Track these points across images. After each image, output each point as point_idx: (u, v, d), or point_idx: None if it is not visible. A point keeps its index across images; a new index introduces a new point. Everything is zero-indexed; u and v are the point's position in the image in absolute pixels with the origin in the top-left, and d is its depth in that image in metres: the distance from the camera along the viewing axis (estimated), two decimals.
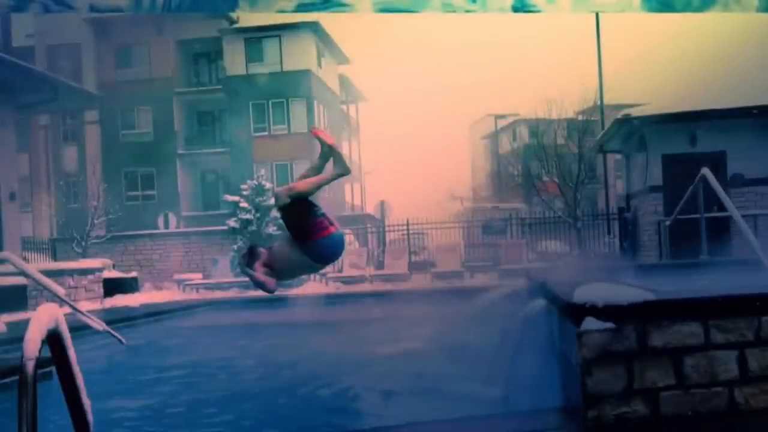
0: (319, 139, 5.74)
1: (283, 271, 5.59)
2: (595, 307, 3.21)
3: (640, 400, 3.22)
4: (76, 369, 2.08)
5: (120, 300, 14.53)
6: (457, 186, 40.96)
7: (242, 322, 11.83)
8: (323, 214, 5.60)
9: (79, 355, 2.10)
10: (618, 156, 21.43)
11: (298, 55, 33.38)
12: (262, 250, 5.55)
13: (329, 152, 5.75)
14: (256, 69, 33.52)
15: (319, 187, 5.53)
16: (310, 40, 33.79)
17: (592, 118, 28.40)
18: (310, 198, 5.58)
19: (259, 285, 5.38)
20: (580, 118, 30.34)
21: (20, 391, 1.80)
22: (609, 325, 3.21)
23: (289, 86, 32.99)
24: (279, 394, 5.76)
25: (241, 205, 21.02)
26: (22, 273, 9.06)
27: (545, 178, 26.68)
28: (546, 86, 58.56)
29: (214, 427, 4.99)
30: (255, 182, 21.25)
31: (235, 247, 20.61)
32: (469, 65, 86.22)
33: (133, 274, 17.23)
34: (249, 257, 5.65)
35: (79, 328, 7.22)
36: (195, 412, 5.30)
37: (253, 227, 20.62)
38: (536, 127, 29.94)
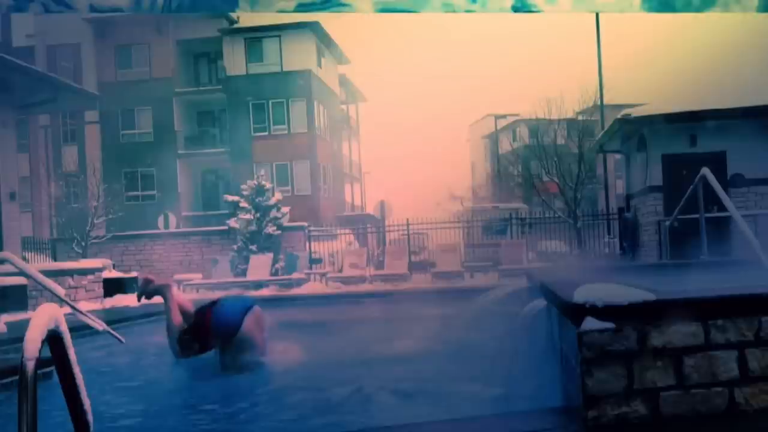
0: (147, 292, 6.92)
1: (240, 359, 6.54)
2: (595, 307, 3.21)
3: (640, 400, 3.22)
4: (76, 369, 2.08)
5: (120, 300, 14.52)
6: (457, 186, 41.09)
7: None
8: (197, 312, 6.62)
9: (79, 355, 2.10)
10: (618, 156, 21.43)
11: (298, 55, 33.36)
12: None
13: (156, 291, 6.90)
14: (256, 69, 33.51)
15: (177, 311, 6.65)
16: (310, 40, 33.78)
17: (592, 118, 28.43)
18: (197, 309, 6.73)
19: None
20: (580, 118, 30.36)
21: (20, 391, 1.80)
22: (609, 325, 3.21)
23: (289, 86, 32.97)
24: (281, 393, 5.76)
25: (241, 205, 21.03)
26: (22, 273, 9.06)
27: (545, 178, 26.65)
28: (546, 86, 58.81)
29: (217, 427, 4.99)
30: (255, 182, 21.27)
31: (235, 247, 20.64)
32: (469, 65, 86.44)
33: (133, 274, 17.22)
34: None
35: (79, 328, 7.23)
36: (197, 411, 5.30)
37: (253, 227, 20.63)
38: (536, 127, 29.93)
